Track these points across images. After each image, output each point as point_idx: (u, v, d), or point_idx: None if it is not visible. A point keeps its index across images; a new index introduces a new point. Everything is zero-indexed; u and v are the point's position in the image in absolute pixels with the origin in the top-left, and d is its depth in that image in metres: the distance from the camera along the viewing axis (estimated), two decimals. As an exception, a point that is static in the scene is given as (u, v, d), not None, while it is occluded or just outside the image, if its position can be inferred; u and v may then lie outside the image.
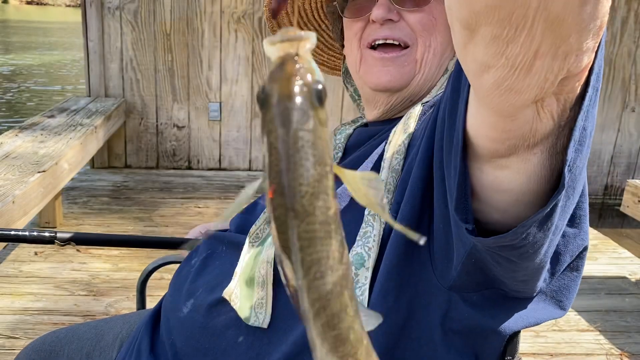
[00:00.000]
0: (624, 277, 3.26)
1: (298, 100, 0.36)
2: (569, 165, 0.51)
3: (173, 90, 4.76)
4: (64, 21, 36.95)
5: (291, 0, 1.03)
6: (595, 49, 0.45)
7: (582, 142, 0.52)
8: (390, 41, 0.88)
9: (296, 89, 0.36)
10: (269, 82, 0.36)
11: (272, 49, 0.37)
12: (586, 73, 0.47)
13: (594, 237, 3.83)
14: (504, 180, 0.56)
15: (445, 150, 0.62)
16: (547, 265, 0.68)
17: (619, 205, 3.36)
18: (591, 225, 4.00)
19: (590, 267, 3.33)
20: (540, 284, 0.71)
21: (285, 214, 0.36)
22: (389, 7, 0.87)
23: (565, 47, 0.43)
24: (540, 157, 0.53)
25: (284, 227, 0.37)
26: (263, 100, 0.36)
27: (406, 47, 0.88)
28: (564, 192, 0.53)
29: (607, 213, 5.04)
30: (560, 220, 0.58)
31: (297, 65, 0.36)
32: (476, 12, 0.42)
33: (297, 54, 0.36)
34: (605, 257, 3.52)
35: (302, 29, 1.16)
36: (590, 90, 0.48)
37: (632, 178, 5.03)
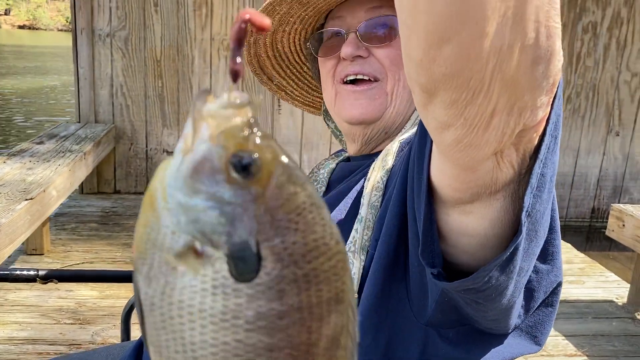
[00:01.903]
0: (611, 301, 3.27)
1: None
2: (527, 211, 0.53)
3: (163, 115, 4.78)
4: (56, 45, 37.04)
5: (270, 44, 1.05)
6: (550, 102, 0.48)
7: (541, 188, 0.54)
8: (361, 76, 0.91)
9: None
10: (256, 149, 0.34)
11: (235, 112, 0.34)
12: (543, 124, 0.49)
13: (580, 260, 3.85)
14: (469, 225, 0.58)
15: (415, 193, 0.64)
16: (518, 305, 0.70)
17: (606, 228, 3.39)
18: (578, 249, 4.04)
19: (578, 291, 3.35)
20: (513, 321, 0.72)
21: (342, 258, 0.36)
22: (357, 45, 0.90)
23: (520, 103, 0.45)
24: (503, 202, 0.55)
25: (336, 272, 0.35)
26: (252, 168, 0.33)
27: (377, 81, 0.91)
28: (524, 236, 0.55)
29: (594, 236, 5.08)
30: (524, 262, 0.60)
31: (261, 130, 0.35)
32: (435, 80, 0.44)
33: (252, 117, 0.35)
34: (592, 281, 3.54)
35: (285, 72, 1.19)
36: (547, 138, 0.50)
37: (618, 201, 5.09)
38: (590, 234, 5.13)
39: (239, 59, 0.35)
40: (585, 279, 3.56)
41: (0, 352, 2.44)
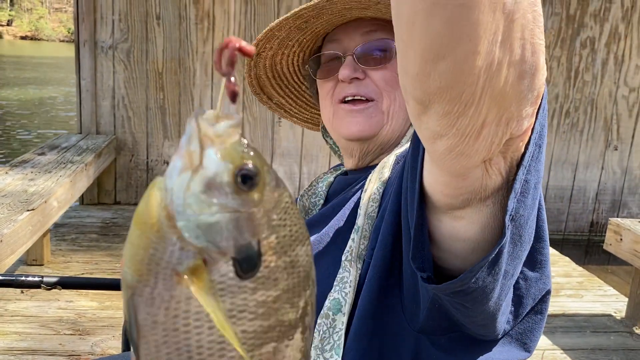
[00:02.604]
0: (610, 315, 3.28)
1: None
2: (510, 215, 0.56)
3: (164, 127, 4.82)
4: (57, 56, 37.22)
5: (270, 66, 1.09)
6: (535, 113, 0.51)
7: (525, 194, 0.57)
8: (358, 97, 0.95)
9: None
10: (256, 161, 0.38)
11: (232, 131, 0.38)
12: (529, 134, 0.53)
13: (579, 274, 3.86)
14: (460, 230, 0.61)
15: (409, 201, 0.66)
16: (505, 310, 0.72)
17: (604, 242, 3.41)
18: (577, 262, 4.05)
19: (576, 305, 3.36)
20: (501, 327, 0.75)
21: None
22: (354, 67, 0.94)
23: (507, 115, 0.48)
24: (492, 208, 0.58)
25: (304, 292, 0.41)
26: (256, 179, 0.38)
27: (372, 101, 0.95)
28: (508, 239, 0.58)
29: (593, 250, 5.09)
30: (509, 265, 0.63)
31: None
32: (429, 93, 0.47)
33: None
34: (590, 295, 3.55)
35: (284, 91, 1.24)
36: (531, 147, 0.54)
37: (617, 215, 5.11)
38: (589, 248, 5.14)
39: (233, 79, 0.39)
40: (583, 292, 3.57)
41: (0, 363, 2.45)
